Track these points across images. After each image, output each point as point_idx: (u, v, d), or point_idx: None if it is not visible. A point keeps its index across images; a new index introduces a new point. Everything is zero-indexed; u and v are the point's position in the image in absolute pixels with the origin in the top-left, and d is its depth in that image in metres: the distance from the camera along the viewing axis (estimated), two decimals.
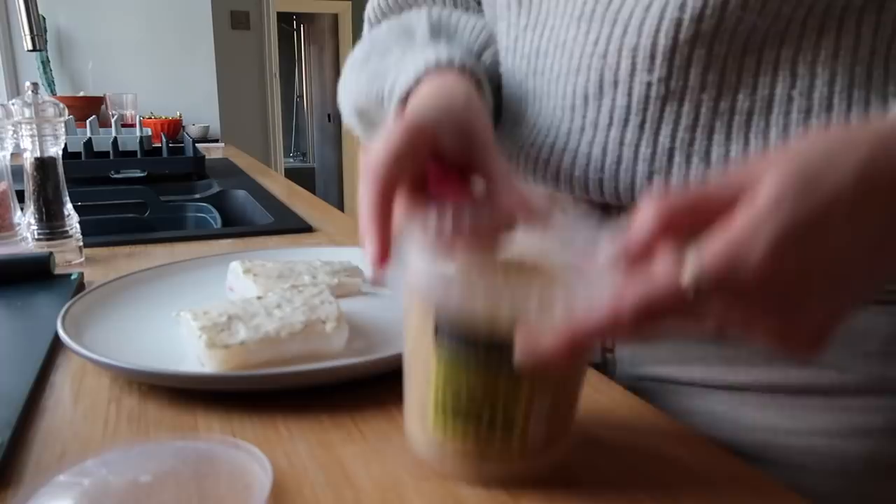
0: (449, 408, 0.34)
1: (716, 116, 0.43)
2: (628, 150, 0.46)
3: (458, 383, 0.33)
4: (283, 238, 0.92)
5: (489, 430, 0.34)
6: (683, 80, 0.43)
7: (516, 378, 0.33)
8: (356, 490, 0.35)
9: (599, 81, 0.45)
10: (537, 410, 0.33)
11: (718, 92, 0.43)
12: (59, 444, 0.40)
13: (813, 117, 0.42)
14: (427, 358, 0.34)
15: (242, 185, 1.40)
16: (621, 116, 0.45)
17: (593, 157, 0.47)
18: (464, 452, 0.35)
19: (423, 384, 0.35)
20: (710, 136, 0.44)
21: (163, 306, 0.58)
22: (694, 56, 0.42)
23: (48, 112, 0.75)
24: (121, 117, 1.84)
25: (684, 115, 0.44)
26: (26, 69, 2.70)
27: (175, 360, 0.48)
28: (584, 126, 0.47)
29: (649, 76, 0.43)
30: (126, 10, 2.81)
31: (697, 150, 0.44)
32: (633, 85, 0.44)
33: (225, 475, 0.34)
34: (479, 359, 0.33)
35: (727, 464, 0.38)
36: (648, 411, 0.44)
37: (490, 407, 0.33)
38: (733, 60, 0.42)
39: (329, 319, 0.48)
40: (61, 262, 0.77)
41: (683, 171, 0.44)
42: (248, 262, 0.63)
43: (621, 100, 0.45)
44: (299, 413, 0.43)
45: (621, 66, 0.44)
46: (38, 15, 0.99)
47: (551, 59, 0.49)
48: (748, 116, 0.43)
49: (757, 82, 0.43)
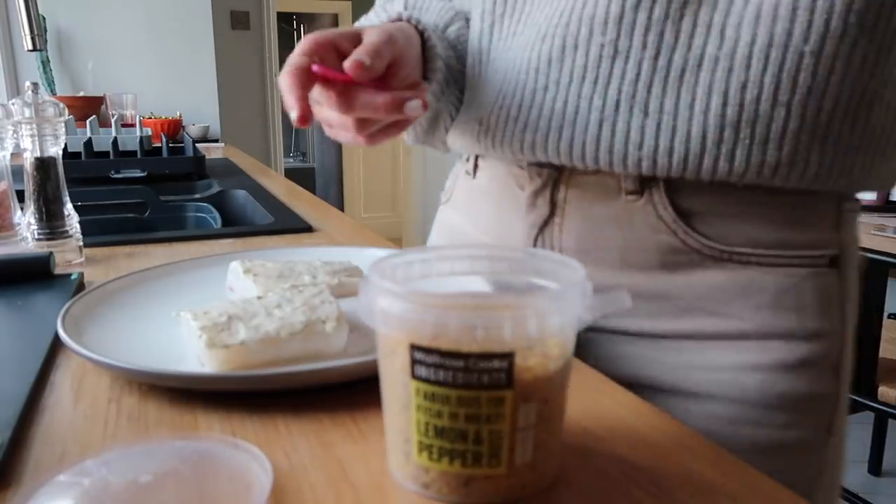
0: (432, 433, 0.33)
1: (654, 73, 0.51)
2: (584, 102, 0.54)
3: (439, 408, 0.33)
4: (283, 238, 0.92)
5: (475, 452, 0.33)
6: (629, 40, 0.51)
7: (499, 397, 0.32)
8: (356, 490, 0.35)
9: (562, 46, 0.54)
10: (522, 427, 0.33)
11: (657, 51, 0.51)
12: (59, 444, 0.40)
13: (734, 76, 0.49)
14: (405, 387, 0.33)
15: (242, 185, 1.40)
16: (579, 75, 0.54)
17: (556, 111, 0.55)
18: (451, 477, 0.34)
19: (403, 413, 0.34)
20: (649, 89, 0.52)
21: (163, 306, 0.58)
22: (637, 20, 0.51)
23: (48, 112, 0.75)
24: (121, 117, 1.84)
25: (628, 72, 0.52)
26: (26, 69, 2.71)
27: (175, 360, 0.48)
28: (547, 85, 0.56)
29: (602, 38, 0.52)
30: (126, 10, 2.81)
31: (638, 101, 0.52)
32: (590, 47, 0.53)
33: (225, 475, 0.34)
34: (457, 382, 0.32)
35: (726, 464, 0.38)
36: (648, 411, 0.44)
37: (474, 429, 0.33)
38: (672, 23, 0.50)
39: (329, 319, 0.48)
40: (61, 262, 0.77)
41: (626, 119, 0.53)
42: (248, 262, 0.63)
43: (580, 60, 0.54)
44: (299, 413, 0.43)
45: (581, 31, 0.53)
46: (38, 15, 0.99)
47: (522, 38, 0.57)
48: (681, 73, 0.51)
49: (691, 43, 0.50)
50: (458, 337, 0.31)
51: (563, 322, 0.33)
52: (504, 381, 0.32)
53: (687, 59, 0.50)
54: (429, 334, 0.32)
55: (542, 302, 0.32)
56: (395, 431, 0.35)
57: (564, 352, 0.34)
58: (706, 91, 0.50)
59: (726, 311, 0.54)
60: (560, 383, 0.34)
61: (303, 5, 5.75)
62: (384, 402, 0.36)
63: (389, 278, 0.37)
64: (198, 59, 2.96)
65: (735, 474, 0.37)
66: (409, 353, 0.32)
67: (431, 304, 0.32)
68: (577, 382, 0.47)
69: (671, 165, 0.52)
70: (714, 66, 0.50)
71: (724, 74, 0.49)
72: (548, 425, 0.34)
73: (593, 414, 0.43)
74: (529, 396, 0.33)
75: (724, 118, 0.50)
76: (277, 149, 4.04)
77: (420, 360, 0.32)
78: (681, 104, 0.51)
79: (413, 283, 0.39)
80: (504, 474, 0.33)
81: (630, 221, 0.56)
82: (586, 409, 0.44)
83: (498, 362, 0.32)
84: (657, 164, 0.52)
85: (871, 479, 2.07)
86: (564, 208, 0.59)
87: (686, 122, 0.51)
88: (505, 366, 0.32)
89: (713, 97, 0.50)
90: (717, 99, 0.50)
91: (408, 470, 0.35)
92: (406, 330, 0.32)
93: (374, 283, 0.34)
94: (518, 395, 0.32)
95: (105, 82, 2.71)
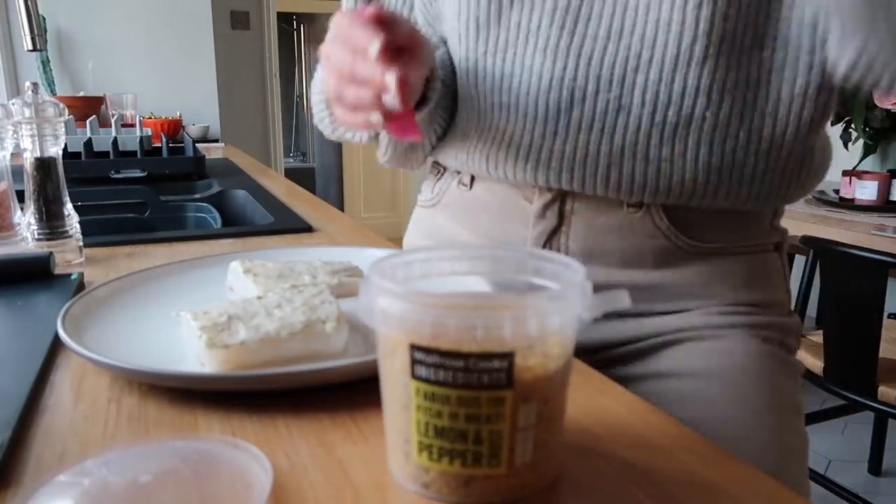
0: (432, 433, 0.33)
1: (652, 126, 0.60)
2: (593, 147, 0.61)
3: (439, 408, 0.33)
4: (283, 238, 0.92)
5: (475, 452, 0.33)
6: (630, 98, 0.59)
7: (499, 397, 0.32)
8: (356, 490, 0.35)
9: (570, 98, 0.61)
10: (522, 427, 0.33)
11: (654, 108, 0.59)
12: (59, 444, 0.40)
13: (717, 133, 0.60)
14: (405, 387, 0.33)
15: (242, 185, 1.40)
16: (587, 124, 0.61)
17: (566, 154, 0.62)
18: (451, 477, 0.34)
19: (403, 413, 0.34)
20: (648, 140, 0.60)
21: (163, 306, 0.58)
22: (637, 81, 0.59)
23: (48, 112, 0.75)
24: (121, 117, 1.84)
25: (630, 124, 0.60)
26: (26, 69, 2.71)
27: (175, 360, 0.48)
28: (557, 130, 0.62)
29: (608, 94, 0.60)
30: (126, 10, 2.81)
31: (640, 149, 0.61)
32: (598, 101, 0.60)
33: (225, 475, 0.34)
34: (457, 382, 0.32)
35: (726, 464, 0.38)
36: (648, 411, 0.44)
37: (474, 429, 0.33)
38: (665, 86, 0.58)
39: (329, 319, 0.48)
40: (61, 262, 0.77)
41: (631, 164, 0.61)
42: (248, 262, 0.63)
43: (588, 111, 0.60)
44: (299, 413, 0.43)
45: (588, 87, 0.60)
46: (38, 15, 0.99)
47: (518, 80, 0.63)
48: (675, 128, 0.59)
49: (682, 103, 0.59)
50: (457, 337, 0.31)
51: (563, 321, 0.33)
52: (504, 381, 0.32)
53: (679, 116, 0.59)
54: (428, 334, 0.32)
55: (541, 302, 0.32)
56: (395, 431, 0.35)
57: (565, 351, 0.34)
58: (696, 142, 0.60)
59: (709, 292, 0.65)
60: (560, 383, 0.34)
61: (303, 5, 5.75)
62: (384, 402, 0.36)
63: (389, 278, 0.37)
64: (198, 59, 2.95)
65: (735, 474, 0.37)
66: (409, 353, 0.32)
67: (431, 304, 0.32)
68: (577, 382, 0.47)
69: (668, 198, 0.62)
70: (702, 124, 0.59)
71: (710, 129, 0.59)
72: (548, 425, 0.34)
73: (593, 414, 0.43)
74: (529, 396, 0.33)
75: (710, 165, 0.60)
76: (277, 149, 4.04)
77: (420, 360, 0.32)
78: (675, 153, 0.60)
79: (413, 283, 0.39)
80: (504, 474, 0.33)
81: (630, 229, 0.64)
82: (586, 409, 0.44)
83: (498, 362, 0.32)
84: (656, 196, 0.62)
85: (871, 479, 2.07)
86: (571, 219, 0.65)
87: (680, 168, 0.61)
88: (505, 366, 0.32)
89: (702, 148, 0.60)
90: (705, 149, 0.60)
91: (408, 470, 0.35)
92: (406, 330, 0.32)
93: (374, 282, 0.34)
94: (518, 394, 0.32)
95: (105, 82, 2.71)
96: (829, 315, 1.65)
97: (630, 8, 0.58)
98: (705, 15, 0.55)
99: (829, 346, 1.62)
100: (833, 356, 1.62)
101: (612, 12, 0.59)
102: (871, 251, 1.46)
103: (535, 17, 0.61)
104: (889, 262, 1.43)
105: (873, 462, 2.10)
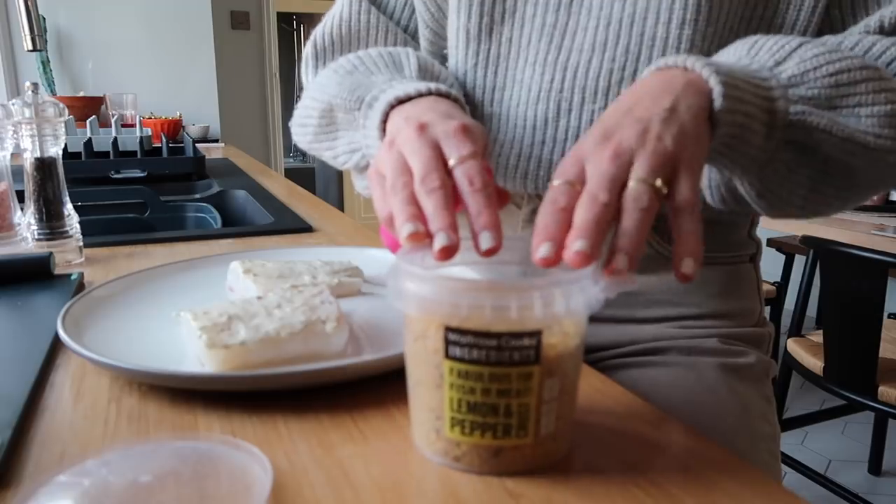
0: (465, 409, 0.35)
1: None
2: None
3: (472, 385, 0.35)
4: (283, 238, 0.92)
5: (505, 425, 0.35)
6: None
7: (528, 372, 0.35)
8: (356, 490, 0.35)
9: (557, 109, 0.62)
10: (547, 400, 0.36)
11: None
12: (59, 444, 0.40)
13: None
14: (437, 368, 0.36)
15: (242, 185, 1.40)
16: (574, 134, 0.62)
17: (554, 162, 0.63)
18: (482, 449, 0.36)
19: (434, 392, 0.36)
20: None
21: (163, 306, 0.58)
22: (621, 92, 0.58)
23: (48, 112, 0.75)
24: (121, 117, 1.84)
25: None
26: (26, 69, 2.71)
27: (175, 360, 0.48)
28: (545, 140, 0.63)
29: (593, 105, 0.60)
30: (126, 11, 2.81)
31: None
32: (583, 112, 0.61)
33: (225, 475, 0.34)
34: (490, 360, 0.34)
35: (726, 463, 0.38)
36: (648, 411, 0.44)
37: (505, 403, 0.35)
38: None
39: (329, 319, 0.48)
40: (61, 262, 0.77)
41: None
42: (248, 262, 0.63)
43: (574, 122, 0.61)
44: (299, 413, 0.43)
45: (574, 99, 0.61)
46: (38, 15, 0.99)
47: (509, 92, 0.64)
48: None
49: None
50: (491, 317, 0.33)
51: (585, 300, 0.35)
52: (533, 358, 0.34)
53: None
54: (462, 316, 0.34)
55: (566, 283, 0.34)
56: (426, 410, 0.37)
57: (580, 329, 0.37)
58: None
59: (687, 300, 0.67)
60: (577, 359, 0.37)
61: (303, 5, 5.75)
62: (411, 383, 0.38)
63: (418, 265, 0.38)
64: (198, 59, 2.96)
65: (735, 473, 0.37)
66: (444, 335, 0.35)
67: (464, 287, 0.34)
68: None
69: None
70: None
71: None
72: (567, 398, 0.37)
73: (593, 414, 0.43)
74: (553, 371, 0.35)
75: None
76: (277, 149, 4.04)
77: (454, 341, 0.35)
78: None
79: (439, 271, 0.40)
80: (531, 444, 0.36)
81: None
82: (586, 409, 0.44)
83: (528, 340, 0.34)
84: None
85: (871, 479, 2.07)
86: None
87: None
88: (534, 343, 0.34)
89: None
90: None
91: (438, 445, 0.37)
92: (440, 313, 0.34)
93: (405, 268, 0.36)
94: (544, 370, 0.35)
95: (105, 82, 2.71)
96: (829, 315, 1.65)
97: (615, 21, 0.59)
98: (687, 34, 0.57)
99: (829, 346, 1.62)
100: (833, 356, 1.62)
101: (597, 25, 0.60)
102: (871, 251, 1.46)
103: (525, 33, 0.63)
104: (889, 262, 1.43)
105: (873, 462, 2.10)
